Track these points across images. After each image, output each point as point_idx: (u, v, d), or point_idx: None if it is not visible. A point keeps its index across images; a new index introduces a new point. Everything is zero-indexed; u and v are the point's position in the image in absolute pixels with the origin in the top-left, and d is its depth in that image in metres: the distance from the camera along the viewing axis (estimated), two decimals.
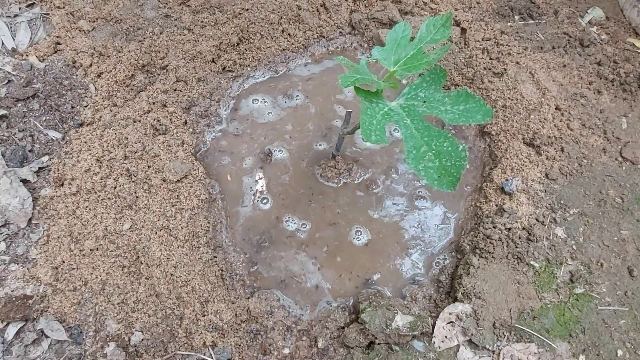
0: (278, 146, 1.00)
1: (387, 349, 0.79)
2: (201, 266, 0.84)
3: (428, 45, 0.68)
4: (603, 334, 0.81)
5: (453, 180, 0.57)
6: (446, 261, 0.92)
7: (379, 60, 0.71)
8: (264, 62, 1.09)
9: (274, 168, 0.99)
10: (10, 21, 1.05)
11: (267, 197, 0.95)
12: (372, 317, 0.79)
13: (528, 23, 1.16)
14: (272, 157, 0.99)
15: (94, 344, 0.78)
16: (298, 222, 0.93)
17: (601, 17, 1.18)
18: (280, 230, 0.93)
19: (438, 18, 0.68)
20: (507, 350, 0.79)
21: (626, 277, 0.86)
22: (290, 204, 0.95)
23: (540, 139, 0.96)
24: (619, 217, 0.91)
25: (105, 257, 0.84)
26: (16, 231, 0.86)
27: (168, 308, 0.81)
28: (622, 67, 1.08)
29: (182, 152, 0.93)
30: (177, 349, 0.79)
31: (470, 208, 0.97)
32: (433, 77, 0.64)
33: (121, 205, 0.87)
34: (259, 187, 0.96)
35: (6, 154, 0.90)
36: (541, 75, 1.04)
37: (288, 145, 1.01)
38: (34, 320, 0.79)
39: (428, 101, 0.63)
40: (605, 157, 0.97)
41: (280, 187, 0.97)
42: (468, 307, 0.81)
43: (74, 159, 0.91)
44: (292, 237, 0.92)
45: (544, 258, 0.86)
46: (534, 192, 0.92)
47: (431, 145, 0.59)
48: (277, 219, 0.94)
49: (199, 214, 0.89)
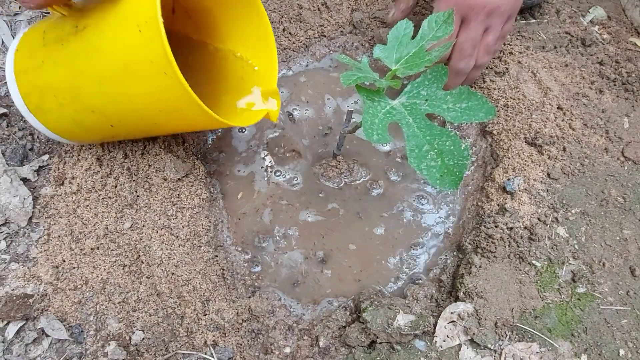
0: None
1: (388, 348, 0.79)
2: (202, 265, 0.84)
3: (430, 42, 0.68)
4: (605, 334, 0.81)
5: (455, 180, 0.57)
6: (448, 260, 0.91)
7: (380, 58, 0.70)
8: None
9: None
10: (10, 20, 1.05)
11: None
12: (373, 317, 0.78)
13: (530, 22, 1.16)
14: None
15: (95, 343, 0.78)
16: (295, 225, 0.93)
17: (603, 17, 1.18)
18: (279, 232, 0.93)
19: (440, 15, 0.68)
20: (509, 349, 0.79)
21: (628, 276, 0.86)
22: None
23: (542, 138, 0.96)
24: (621, 216, 0.91)
25: (106, 256, 0.83)
26: (16, 230, 0.85)
27: (169, 307, 0.81)
28: (624, 67, 1.08)
29: (182, 150, 0.93)
30: (178, 348, 0.79)
31: (472, 207, 0.97)
32: (435, 75, 0.64)
33: (122, 204, 0.87)
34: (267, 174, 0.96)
35: (6, 153, 0.89)
36: (543, 74, 1.04)
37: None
38: (34, 319, 0.79)
39: (430, 99, 0.63)
40: (607, 156, 0.97)
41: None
42: (470, 307, 0.81)
43: (74, 158, 0.90)
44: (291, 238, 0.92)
45: (545, 257, 0.86)
46: (535, 192, 0.91)
47: (433, 144, 0.59)
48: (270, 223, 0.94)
49: (200, 213, 0.88)
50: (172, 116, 0.70)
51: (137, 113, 0.71)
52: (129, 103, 0.69)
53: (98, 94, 0.69)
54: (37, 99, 0.75)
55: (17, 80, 0.74)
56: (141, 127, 0.76)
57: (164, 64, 0.58)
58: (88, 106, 0.72)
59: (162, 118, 0.72)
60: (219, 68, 0.91)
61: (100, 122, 0.75)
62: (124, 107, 0.70)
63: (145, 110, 0.70)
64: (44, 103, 0.75)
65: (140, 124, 0.75)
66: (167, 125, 0.76)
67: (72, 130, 0.79)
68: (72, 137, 0.83)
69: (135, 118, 0.73)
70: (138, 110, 0.70)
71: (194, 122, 0.72)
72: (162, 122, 0.74)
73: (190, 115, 0.68)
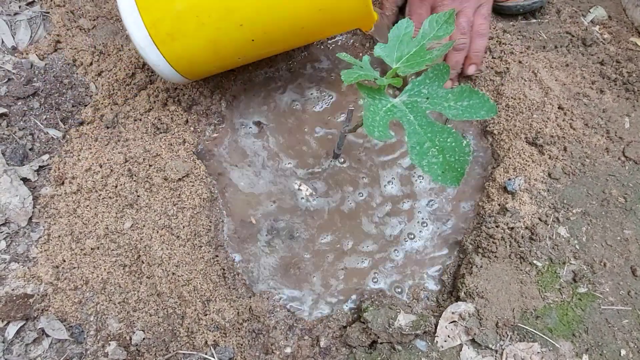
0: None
1: (389, 349, 0.79)
2: (203, 265, 0.84)
3: (431, 42, 0.68)
4: (606, 334, 0.81)
5: (457, 176, 0.57)
6: (449, 261, 0.91)
7: (381, 57, 0.71)
8: (264, 60, 1.09)
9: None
10: (10, 19, 1.05)
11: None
12: (374, 317, 0.78)
13: (530, 22, 1.16)
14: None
15: (95, 343, 0.78)
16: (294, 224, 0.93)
17: (603, 17, 1.18)
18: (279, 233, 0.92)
19: (441, 14, 0.68)
20: (510, 349, 0.79)
21: (629, 276, 0.86)
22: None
23: (543, 138, 0.96)
24: (622, 216, 0.91)
25: (106, 256, 0.83)
26: (16, 230, 0.85)
27: (169, 307, 0.81)
28: (624, 67, 1.08)
29: (183, 150, 0.93)
30: (179, 348, 0.79)
31: (473, 207, 0.97)
32: (436, 73, 0.64)
33: (122, 204, 0.87)
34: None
35: (6, 153, 0.89)
36: (544, 74, 1.04)
37: None
38: (34, 319, 0.79)
39: (431, 97, 0.63)
40: (608, 156, 0.97)
41: None
42: (471, 307, 0.81)
43: (74, 158, 0.90)
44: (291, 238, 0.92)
45: (546, 257, 0.85)
46: (536, 192, 0.91)
47: (435, 141, 0.59)
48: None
49: (200, 213, 0.88)
50: (327, 16, 0.74)
51: (291, 18, 0.74)
52: (288, 7, 0.72)
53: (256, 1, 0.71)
54: (171, 25, 0.73)
55: (142, 9, 0.72)
56: (286, 35, 0.79)
57: None
58: (238, 19, 0.72)
59: (316, 18, 0.75)
60: None
61: (244, 37, 0.76)
62: (280, 14, 0.73)
63: (302, 10, 0.73)
64: (181, 26, 0.73)
65: (288, 31, 0.77)
66: (314, 29, 0.80)
67: (200, 56, 0.79)
68: (194, 67, 0.82)
69: (285, 26, 0.75)
70: (294, 14, 0.73)
71: (344, 20, 0.78)
72: (312, 25, 0.77)
73: (346, 9, 0.73)
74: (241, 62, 0.87)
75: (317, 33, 0.85)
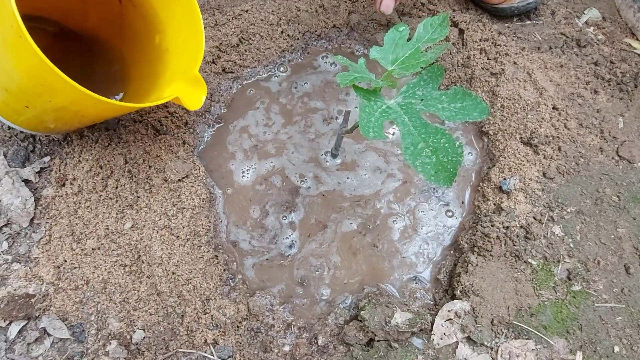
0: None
1: (386, 346, 0.80)
2: (202, 265, 0.85)
3: (425, 44, 0.69)
4: (600, 331, 0.82)
5: (449, 176, 0.58)
6: (445, 259, 0.92)
7: (377, 59, 0.72)
8: (263, 62, 1.10)
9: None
10: None
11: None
12: (371, 315, 0.79)
13: (525, 24, 1.17)
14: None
15: (96, 342, 0.79)
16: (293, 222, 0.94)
17: (598, 18, 1.19)
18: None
19: (435, 18, 0.70)
20: (505, 347, 0.80)
21: (623, 274, 0.87)
22: None
23: (538, 138, 0.97)
24: (615, 215, 0.92)
25: (107, 256, 0.84)
26: (18, 231, 0.86)
27: (169, 306, 0.82)
28: (618, 67, 1.09)
29: (183, 152, 0.94)
30: (179, 346, 0.80)
31: (468, 207, 0.98)
32: (430, 75, 0.65)
33: (122, 204, 0.88)
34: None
35: (8, 154, 0.90)
36: (538, 75, 1.05)
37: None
38: (36, 319, 0.80)
39: (425, 99, 0.64)
40: (602, 156, 0.98)
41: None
42: (466, 305, 0.82)
43: (75, 159, 0.91)
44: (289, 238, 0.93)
45: (541, 256, 0.86)
46: (531, 191, 0.92)
47: (428, 142, 0.60)
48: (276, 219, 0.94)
49: (200, 213, 0.89)
50: (45, 97, 0.74)
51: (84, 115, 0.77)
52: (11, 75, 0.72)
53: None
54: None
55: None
56: (85, 119, 0.81)
57: (16, 27, 0.60)
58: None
59: (102, 116, 0.80)
60: (159, 59, 0.93)
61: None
62: (12, 81, 0.74)
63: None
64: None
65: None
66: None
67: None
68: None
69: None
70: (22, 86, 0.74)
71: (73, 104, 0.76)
72: (39, 104, 0.77)
73: (60, 91, 0.71)
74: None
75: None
